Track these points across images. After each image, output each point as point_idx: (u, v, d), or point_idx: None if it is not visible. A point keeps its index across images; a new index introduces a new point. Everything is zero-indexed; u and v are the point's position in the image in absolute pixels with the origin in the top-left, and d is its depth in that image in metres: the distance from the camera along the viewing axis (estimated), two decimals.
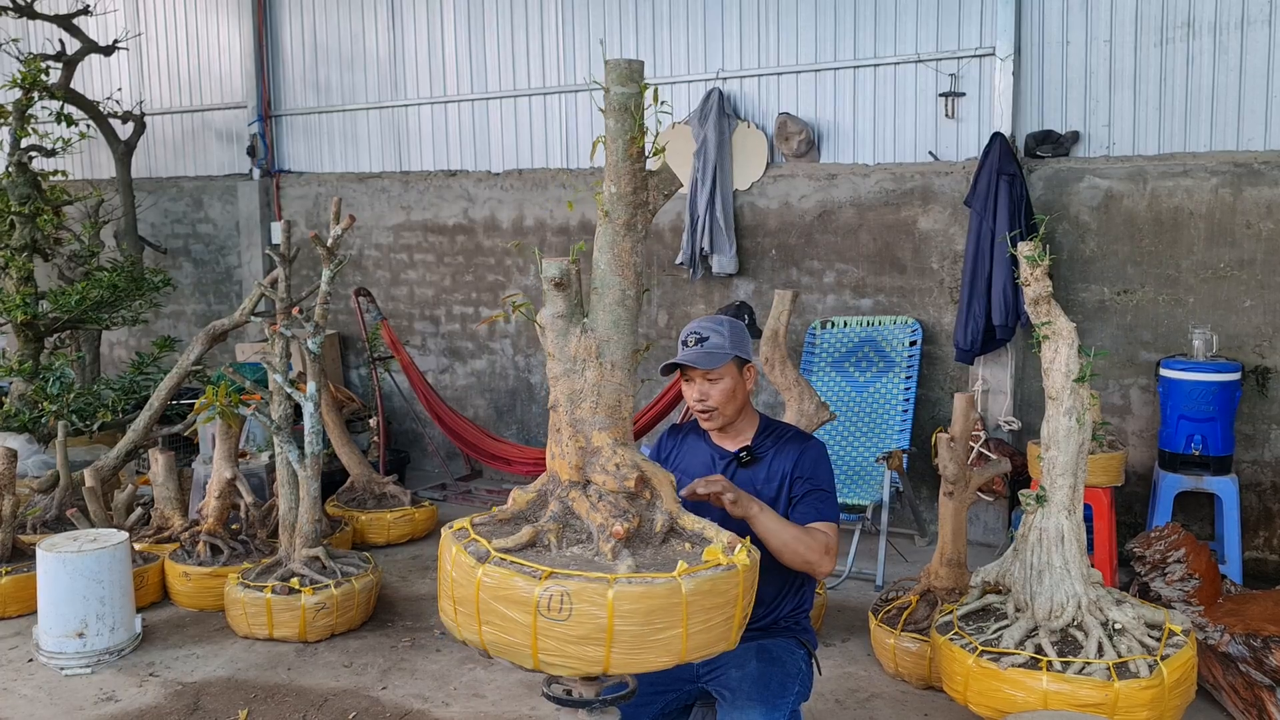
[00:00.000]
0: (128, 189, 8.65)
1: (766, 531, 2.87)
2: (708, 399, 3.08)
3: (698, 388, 3.09)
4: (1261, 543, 5.66)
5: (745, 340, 3.14)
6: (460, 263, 8.04)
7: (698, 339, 3.08)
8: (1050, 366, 3.48)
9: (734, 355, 3.06)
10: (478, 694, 4.34)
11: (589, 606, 2.15)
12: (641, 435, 6.43)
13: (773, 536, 2.87)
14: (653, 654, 2.21)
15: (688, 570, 2.23)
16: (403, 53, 8.16)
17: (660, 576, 2.20)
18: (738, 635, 2.37)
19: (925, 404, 6.35)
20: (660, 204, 2.45)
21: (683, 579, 2.20)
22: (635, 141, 2.38)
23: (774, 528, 2.88)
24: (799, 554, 2.90)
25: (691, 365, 3.05)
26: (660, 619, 2.18)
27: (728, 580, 2.27)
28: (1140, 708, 3.15)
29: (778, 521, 2.90)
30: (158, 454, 5.80)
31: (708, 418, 3.12)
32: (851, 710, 4.18)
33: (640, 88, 2.36)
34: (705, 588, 2.23)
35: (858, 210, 6.49)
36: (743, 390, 3.13)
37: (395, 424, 8.18)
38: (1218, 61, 5.54)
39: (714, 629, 2.28)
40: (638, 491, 2.43)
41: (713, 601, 2.25)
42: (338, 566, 5.04)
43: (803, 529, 2.95)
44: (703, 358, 3.04)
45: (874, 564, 5.60)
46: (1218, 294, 5.61)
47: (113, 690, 4.43)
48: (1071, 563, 3.42)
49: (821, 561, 2.94)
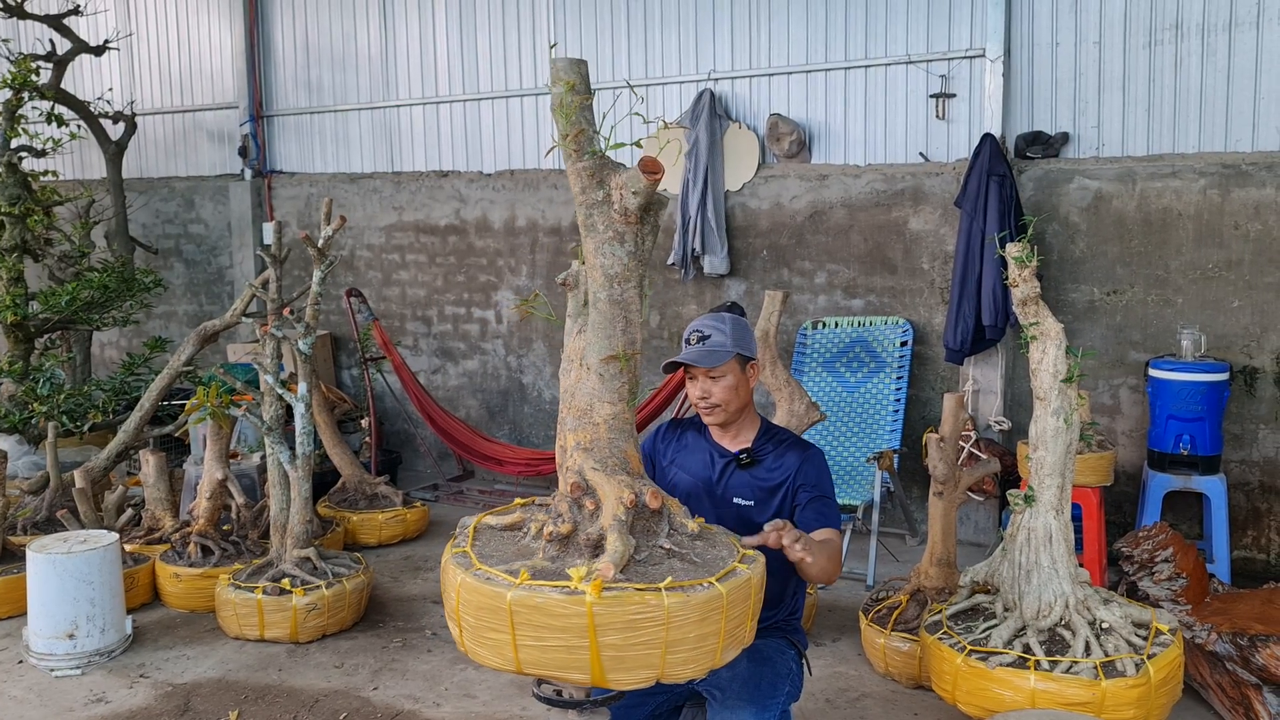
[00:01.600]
0: (118, 189, 8.62)
1: (808, 567, 2.77)
2: (710, 396, 3.08)
3: (700, 385, 3.09)
4: (1249, 542, 5.69)
5: (748, 337, 3.13)
6: (452, 263, 8.04)
7: (700, 336, 3.08)
8: (1038, 367, 3.50)
9: (736, 352, 3.06)
10: (469, 694, 4.34)
11: None
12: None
13: (814, 568, 2.78)
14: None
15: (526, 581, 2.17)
16: (394, 53, 8.16)
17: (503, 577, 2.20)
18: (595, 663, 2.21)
19: (916, 404, 6.37)
20: (631, 203, 2.33)
21: (514, 591, 2.15)
22: (568, 140, 2.33)
23: (818, 563, 2.78)
24: (825, 570, 2.83)
25: (693, 364, 3.05)
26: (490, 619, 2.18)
27: (572, 603, 2.14)
28: (1127, 706, 3.17)
29: (822, 556, 2.81)
30: (149, 455, 5.79)
31: (710, 414, 3.13)
32: (842, 710, 4.19)
33: (567, 85, 2.30)
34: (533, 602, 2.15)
35: (849, 211, 6.51)
36: (746, 387, 3.12)
37: (387, 424, 8.17)
38: (1206, 63, 5.57)
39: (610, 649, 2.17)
40: (575, 498, 2.38)
41: (542, 620, 2.15)
42: (329, 567, 5.04)
43: (828, 548, 2.90)
44: (705, 356, 3.04)
45: (865, 564, 5.62)
46: (1206, 294, 5.64)
47: (103, 692, 4.43)
48: (1059, 562, 3.44)
49: (838, 570, 2.91)
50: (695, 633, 2.18)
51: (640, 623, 2.12)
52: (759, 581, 2.38)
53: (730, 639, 2.28)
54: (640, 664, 2.16)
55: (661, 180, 2.29)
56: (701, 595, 2.18)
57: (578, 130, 2.32)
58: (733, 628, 2.28)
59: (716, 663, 2.27)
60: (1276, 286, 5.48)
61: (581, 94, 2.30)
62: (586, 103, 2.31)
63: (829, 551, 2.89)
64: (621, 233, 2.36)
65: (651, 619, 2.13)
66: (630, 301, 2.40)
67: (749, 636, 2.40)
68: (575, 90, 2.29)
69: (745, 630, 2.35)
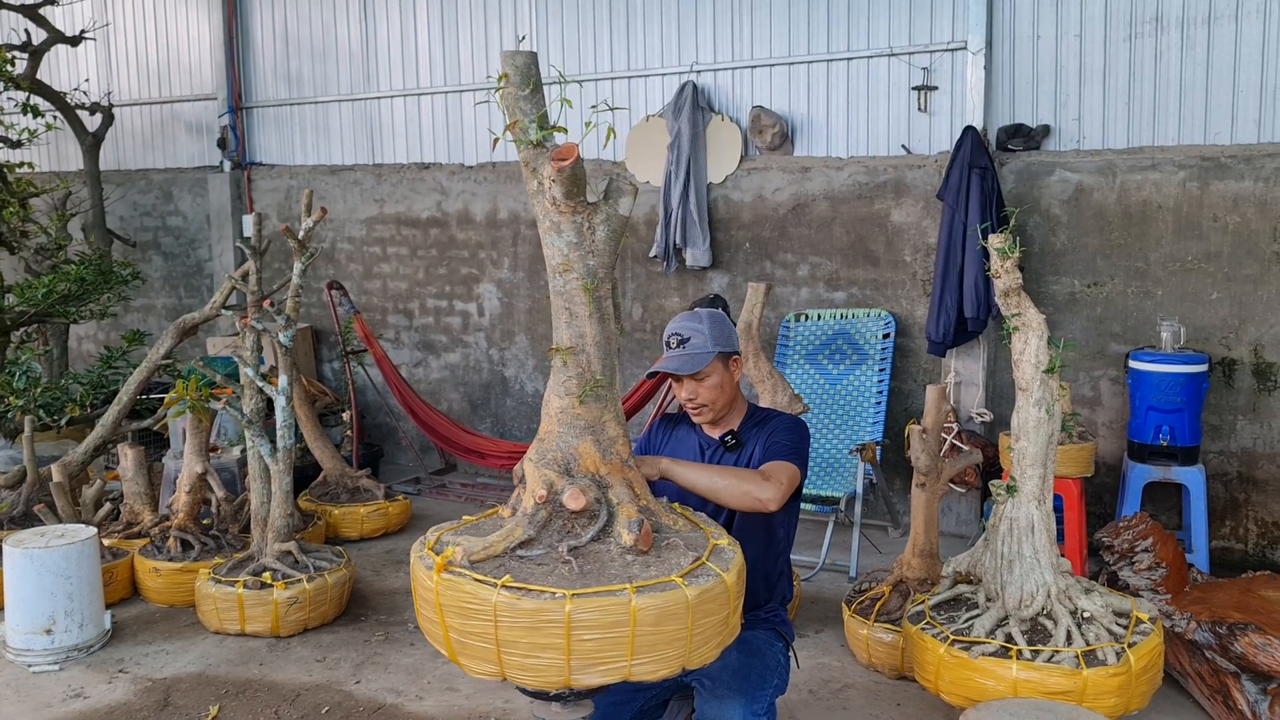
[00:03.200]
0: (95, 181, 8.54)
1: (687, 481, 2.77)
2: (697, 397, 3.09)
3: (687, 388, 3.09)
4: (1228, 532, 5.74)
5: (727, 331, 3.13)
6: (434, 256, 8.00)
7: (679, 340, 3.07)
8: (1020, 358, 3.51)
9: (717, 352, 3.06)
10: (451, 688, 4.33)
11: None
12: None
13: (696, 483, 2.77)
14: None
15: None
16: (375, 44, 8.10)
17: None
18: None
19: (898, 396, 6.39)
20: (557, 192, 2.31)
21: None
22: (507, 130, 2.34)
23: (691, 474, 2.78)
24: (733, 491, 2.76)
25: (676, 373, 3.05)
26: None
27: (427, 579, 2.31)
28: (1108, 694, 3.19)
29: (694, 468, 2.82)
30: (127, 449, 5.74)
31: (699, 414, 3.13)
32: (825, 701, 4.20)
33: (501, 76, 2.32)
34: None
35: (831, 203, 6.51)
36: (731, 383, 3.13)
37: (369, 418, 8.14)
38: (1185, 56, 5.59)
39: None
40: (517, 489, 2.54)
41: (421, 593, 2.37)
42: (310, 561, 5.01)
43: (731, 469, 2.89)
44: (686, 362, 3.03)
45: (848, 556, 5.63)
46: (1185, 286, 5.68)
47: (81, 687, 4.39)
48: (1041, 552, 3.45)
49: (761, 489, 2.77)
50: (527, 639, 2.18)
51: (471, 611, 2.21)
52: (669, 606, 2.24)
53: (589, 656, 2.20)
54: (478, 655, 2.26)
55: (569, 165, 2.25)
56: (533, 603, 2.16)
57: (514, 121, 2.33)
58: (604, 645, 2.20)
59: (565, 680, 2.22)
60: (1254, 278, 5.52)
61: (517, 85, 2.31)
62: (523, 94, 2.32)
63: (726, 470, 2.83)
64: (557, 223, 2.36)
65: (479, 612, 2.20)
66: (574, 293, 2.39)
67: (659, 662, 2.27)
68: (511, 82, 2.31)
69: (626, 654, 2.23)
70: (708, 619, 2.31)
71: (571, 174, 2.27)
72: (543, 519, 2.39)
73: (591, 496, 2.41)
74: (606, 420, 2.47)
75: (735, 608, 2.44)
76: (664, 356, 3.09)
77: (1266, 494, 5.63)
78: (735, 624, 2.47)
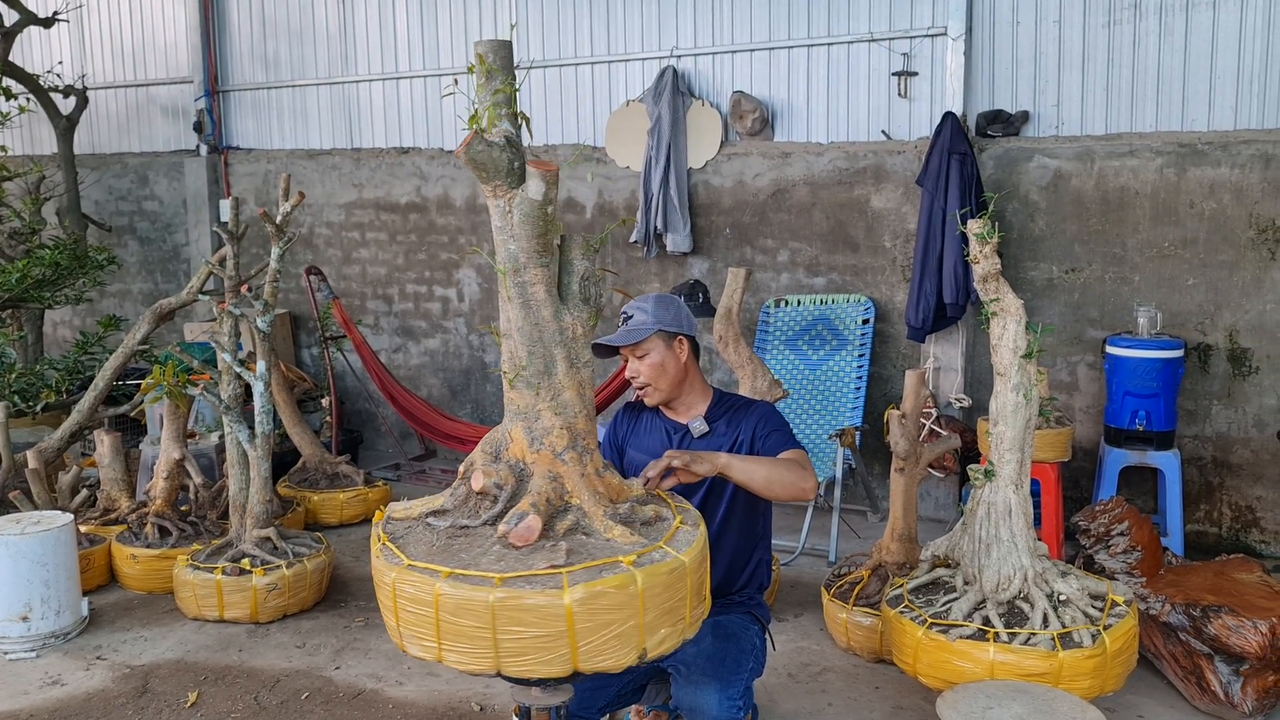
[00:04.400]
0: (70, 165, 8.45)
1: (746, 475, 2.82)
2: (639, 376, 3.16)
3: (629, 366, 3.18)
4: (1202, 516, 5.80)
5: (674, 313, 3.15)
6: (413, 241, 7.96)
7: (625, 318, 3.16)
8: (998, 343, 3.52)
9: (656, 329, 3.09)
10: (431, 673, 4.33)
11: None
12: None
13: (753, 477, 2.82)
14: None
15: None
16: (354, 27, 8.03)
17: None
18: None
19: (878, 381, 6.41)
20: (480, 177, 2.34)
21: None
22: (472, 121, 2.34)
23: (750, 468, 2.83)
24: (785, 482, 2.85)
25: (610, 344, 3.10)
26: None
27: None
28: (1083, 676, 3.22)
29: (751, 461, 2.87)
30: (104, 435, 5.70)
31: (644, 393, 3.20)
32: (804, 684, 4.22)
33: (468, 69, 2.35)
34: None
35: (811, 189, 6.52)
36: (674, 362, 3.14)
37: (348, 403, 8.10)
38: (1163, 42, 5.62)
39: None
40: None
41: None
42: (289, 547, 4.99)
43: (776, 459, 2.94)
44: (622, 335, 3.11)
45: (827, 540, 5.66)
46: (1162, 272, 5.72)
47: (59, 674, 4.36)
48: (1019, 536, 3.48)
49: (805, 479, 2.88)
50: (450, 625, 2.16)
51: (380, 574, 2.30)
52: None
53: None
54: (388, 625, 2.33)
55: (463, 148, 2.26)
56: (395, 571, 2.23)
57: (474, 114, 2.37)
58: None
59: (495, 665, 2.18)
60: (1230, 264, 5.56)
61: (483, 75, 2.33)
62: (484, 83, 2.35)
63: (778, 463, 2.89)
64: (492, 206, 2.41)
65: (382, 576, 2.29)
66: (504, 286, 2.44)
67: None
68: (477, 70, 2.34)
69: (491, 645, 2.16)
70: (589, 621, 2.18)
71: (468, 158, 2.25)
72: (462, 494, 2.44)
73: (492, 482, 2.38)
74: (541, 409, 2.39)
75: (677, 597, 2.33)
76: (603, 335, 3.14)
77: (1240, 478, 5.69)
78: (693, 615, 2.40)
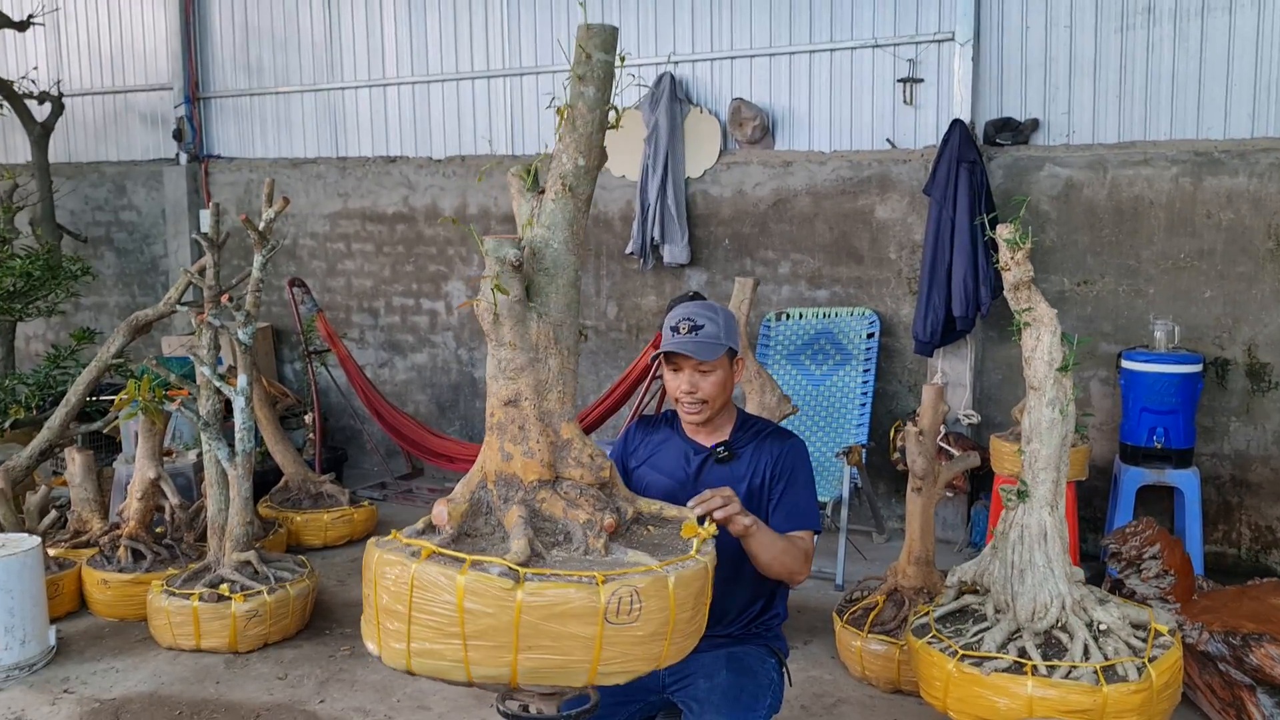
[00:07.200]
0: (44, 173, 8.21)
1: (759, 547, 2.67)
2: (698, 391, 2.83)
3: (688, 379, 2.84)
4: (1221, 536, 5.61)
5: (735, 329, 2.93)
6: (400, 252, 7.73)
7: (691, 326, 2.81)
8: (1032, 355, 3.31)
9: (728, 347, 2.84)
10: (423, 706, 4.08)
11: (656, 601, 2.05)
12: (590, 431, 6.20)
13: (764, 551, 2.68)
14: (694, 639, 2.24)
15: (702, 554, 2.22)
16: (339, 33, 7.82)
17: (689, 559, 2.17)
18: None
19: (883, 397, 6.21)
20: None
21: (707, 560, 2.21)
22: (608, 112, 2.28)
23: (767, 542, 2.69)
24: (785, 565, 2.75)
25: (688, 354, 2.80)
26: (702, 600, 2.22)
27: None
28: (1129, 713, 3.00)
29: (770, 535, 2.72)
30: (75, 453, 5.47)
31: (696, 411, 2.87)
32: (818, 716, 4.00)
33: (621, 58, 2.29)
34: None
35: (814, 199, 6.33)
36: (732, 382, 2.92)
37: (332, 420, 7.85)
38: (1178, 49, 5.46)
39: None
40: (611, 481, 2.27)
41: None
42: (271, 571, 4.77)
43: (788, 539, 2.77)
44: (700, 348, 2.78)
45: (833, 562, 5.44)
46: (1178, 284, 5.55)
47: (22, 709, 4.10)
48: (1055, 561, 3.26)
49: (801, 569, 2.80)
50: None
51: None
52: None
53: None
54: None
55: None
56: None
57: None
58: None
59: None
60: (1248, 276, 5.40)
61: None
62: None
63: (788, 546, 2.75)
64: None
65: None
66: None
67: None
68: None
69: None
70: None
71: None
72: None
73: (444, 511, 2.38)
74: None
75: None
76: (670, 340, 2.84)
77: (1260, 497, 5.51)
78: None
